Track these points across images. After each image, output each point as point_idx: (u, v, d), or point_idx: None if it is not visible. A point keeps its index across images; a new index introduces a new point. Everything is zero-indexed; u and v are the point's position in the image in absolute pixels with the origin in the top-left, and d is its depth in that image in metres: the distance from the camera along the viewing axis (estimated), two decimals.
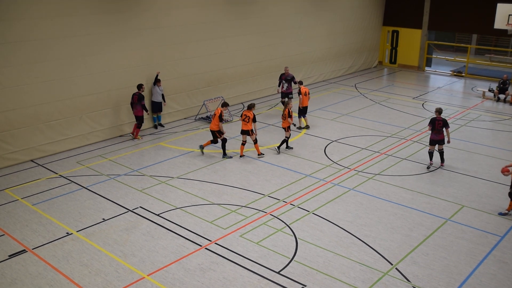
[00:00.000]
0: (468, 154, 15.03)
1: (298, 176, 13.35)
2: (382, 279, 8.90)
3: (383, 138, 16.35)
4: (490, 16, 22.61)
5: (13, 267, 9.20)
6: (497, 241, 10.22)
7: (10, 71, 13.39)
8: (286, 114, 14.69)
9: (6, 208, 11.49)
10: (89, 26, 14.85)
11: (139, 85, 15.86)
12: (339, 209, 11.52)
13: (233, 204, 11.71)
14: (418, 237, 10.35)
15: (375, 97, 21.66)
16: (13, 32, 13.24)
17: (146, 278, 8.90)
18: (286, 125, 14.79)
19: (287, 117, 14.69)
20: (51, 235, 10.30)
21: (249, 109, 14.31)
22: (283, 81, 18.26)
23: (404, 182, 13.02)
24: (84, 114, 15.32)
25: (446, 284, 8.80)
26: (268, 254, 9.64)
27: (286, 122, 14.75)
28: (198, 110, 18.70)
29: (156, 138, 16.31)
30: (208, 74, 19.01)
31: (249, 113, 14.18)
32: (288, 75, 18.20)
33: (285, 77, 18.20)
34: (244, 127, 14.23)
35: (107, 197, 12.05)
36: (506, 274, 9.12)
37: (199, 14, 18.04)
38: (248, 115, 14.14)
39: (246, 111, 14.33)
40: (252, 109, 14.31)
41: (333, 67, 25.59)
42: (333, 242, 10.11)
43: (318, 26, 23.76)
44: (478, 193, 12.44)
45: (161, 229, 10.55)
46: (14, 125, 13.73)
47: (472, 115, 19.24)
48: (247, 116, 14.16)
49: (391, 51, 28.87)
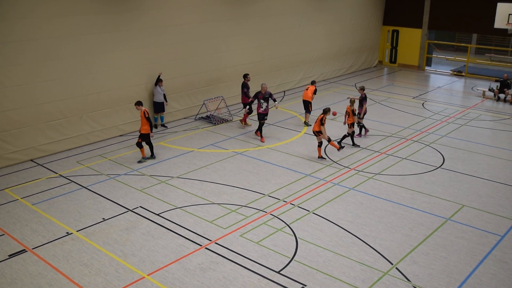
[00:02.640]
0: (468, 154, 15.02)
1: (298, 175, 13.35)
2: (382, 279, 8.90)
3: (383, 137, 16.35)
4: (490, 15, 22.62)
5: (13, 267, 9.19)
6: (498, 241, 10.22)
7: (11, 71, 13.38)
8: (350, 111, 15.07)
9: (6, 207, 11.49)
10: (89, 26, 14.84)
11: (245, 75, 17.46)
12: (339, 208, 11.52)
13: (233, 204, 11.71)
14: (418, 236, 10.34)
15: (375, 97, 21.66)
16: (14, 32, 13.23)
17: (146, 277, 8.89)
18: (350, 122, 15.15)
19: (351, 114, 15.07)
20: (51, 235, 10.30)
21: (325, 113, 14.20)
22: (261, 100, 15.75)
23: (404, 181, 13.02)
24: (84, 113, 15.31)
25: (446, 283, 8.80)
26: (268, 254, 9.63)
27: (351, 119, 15.13)
28: (198, 110, 18.69)
29: (156, 137, 16.30)
30: (208, 73, 19.01)
31: (320, 116, 14.19)
32: (266, 93, 15.85)
33: (262, 96, 15.75)
34: (315, 128, 14.25)
35: (107, 196, 12.04)
36: (506, 274, 9.11)
37: (199, 14, 18.03)
38: (319, 117, 14.20)
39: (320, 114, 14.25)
40: (326, 113, 14.16)
41: (333, 67, 25.58)
42: (333, 241, 10.11)
43: (318, 25, 23.76)
44: (478, 192, 12.44)
45: (161, 229, 10.54)
46: (14, 124, 13.73)
47: (472, 114, 19.23)
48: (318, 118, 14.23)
49: (391, 50, 28.86)
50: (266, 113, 15.91)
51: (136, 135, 16.53)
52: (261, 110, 15.78)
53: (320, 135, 14.18)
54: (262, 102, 15.73)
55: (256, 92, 15.98)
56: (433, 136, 16.51)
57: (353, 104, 15.23)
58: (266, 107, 15.77)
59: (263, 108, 15.75)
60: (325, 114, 14.18)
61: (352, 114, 15.17)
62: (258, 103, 15.79)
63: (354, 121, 15.25)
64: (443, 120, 18.33)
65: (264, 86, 15.91)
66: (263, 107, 15.75)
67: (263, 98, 15.74)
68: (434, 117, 18.67)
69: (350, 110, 15.16)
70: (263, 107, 15.75)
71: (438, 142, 15.99)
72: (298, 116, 18.77)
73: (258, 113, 15.90)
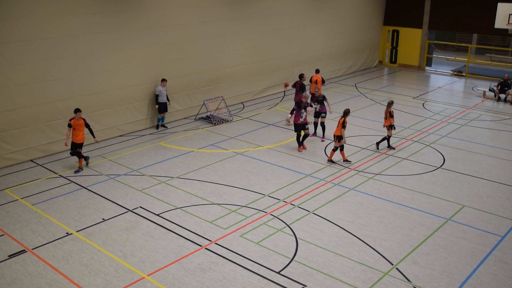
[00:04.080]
0: (468, 154, 15.01)
1: (298, 176, 13.33)
2: (383, 279, 8.89)
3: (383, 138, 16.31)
4: (491, 15, 22.61)
5: (13, 267, 9.18)
6: (498, 241, 10.20)
7: (11, 71, 13.37)
8: (387, 114, 14.80)
9: (5, 208, 11.48)
10: (89, 26, 14.84)
11: (301, 75, 17.96)
12: (339, 209, 11.51)
13: (233, 204, 11.70)
14: (419, 237, 10.33)
15: (376, 97, 21.64)
16: (14, 32, 13.22)
17: (146, 278, 8.88)
18: (387, 124, 14.87)
19: (388, 117, 14.78)
20: (50, 235, 10.28)
21: (345, 114, 13.89)
22: (314, 102, 15.72)
23: (404, 182, 13.00)
24: (84, 114, 15.28)
25: (446, 284, 8.79)
26: (268, 254, 9.62)
27: (388, 121, 14.83)
28: (198, 110, 18.68)
29: (156, 138, 16.30)
30: (208, 73, 19.00)
31: (340, 118, 13.93)
32: (320, 96, 15.63)
33: (304, 105, 14.85)
34: (336, 132, 13.93)
35: (107, 197, 12.03)
36: (506, 274, 9.10)
37: (199, 14, 18.02)
38: (340, 120, 13.92)
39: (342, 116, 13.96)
40: (347, 115, 13.86)
41: (333, 67, 25.57)
42: (333, 242, 10.09)
43: (319, 25, 23.75)
44: (478, 193, 12.42)
45: (161, 229, 10.53)
46: (14, 125, 13.72)
47: (472, 114, 19.21)
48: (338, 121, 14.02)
49: (391, 50, 28.85)
50: (306, 123, 14.93)
51: (136, 135, 16.54)
52: (301, 121, 14.76)
53: (341, 140, 13.82)
54: (303, 111, 14.77)
55: (298, 101, 15.00)
56: (434, 136, 16.49)
57: (389, 106, 14.79)
58: (305, 116, 14.81)
59: (302, 118, 14.74)
60: (345, 116, 13.81)
61: (389, 116, 14.76)
62: (298, 113, 14.78)
63: (392, 123, 14.82)
64: (444, 120, 18.31)
65: (306, 96, 15.03)
66: (302, 117, 14.75)
67: (305, 108, 14.82)
68: (434, 117, 18.66)
69: (387, 112, 14.80)
70: (302, 117, 14.75)
71: (439, 142, 15.97)
72: None
73: (296, 123, 14.88)
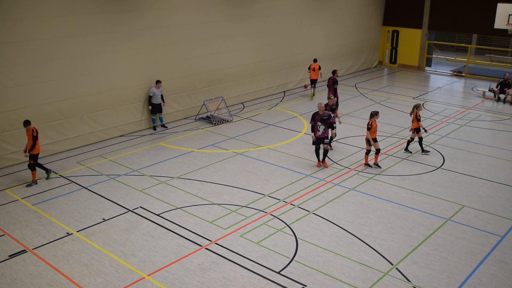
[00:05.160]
0: (468, 154, 15.02)
1: (298, 176, 13.35)
2: (383, 279, 8.90)
3: (383, 138, 16.34)
4: (490, 16, 22.62)
5: (13, 267, 9.20)
6: (498, 241, 10.22)
7: (11, 71, 13.39)
8: (414, 117, 14.61)
9: (6, 208, 11.49)
10: (89, 26, 14.85)
11: (334, 71, 18.58)
12: (339, 209, 11.52)
13: (233, 204, 11.71)
14: (418, 237, 10.34)
15: (375, 97, 21.66)
16: (14, 32, 13.24)
17: (146, 278, 8.90)
18: (414, 127, 14.69)
19: (415, 120, 14.61)
20: (51, 235, 10.30)
21: (371, 116, 13.61)
22: (318, 122, 13.55)
23: (404, 182, 13.02)
24: (85, 114, 15.32)
25: (446, 284, 8.80)
26: (268, 254, 9.63)
27: (415, 124, 14.65)
28: (198, 110, 18.70)
29: (156, 138, 16.31)
30: (209, 74, 19.02)
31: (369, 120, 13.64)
32: (324, 114, 13.57)
33: (320, 117, 13.50)
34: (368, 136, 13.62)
35: (107, 197, 12.04)
36: (506, 274, 9.11)
37: (199, 14, 18.04)
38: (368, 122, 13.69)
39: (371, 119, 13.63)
40: (374, 116, 13.55)
41: (333, 67, 25.50)
42: (333, 242, 10.11)
43: (318, 26, 23.77)
44: (478, 193, 12.44)
45: (161, 229, 10.55)
46: (14, 125, 13.72)
47: (472, 115, 19.23)
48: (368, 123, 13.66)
49: (391, 51, 28.87)
50: (325, 137, 13.65)
51: (136, 135, 16.56)
52: (318, 134, 13.59)
53: (373, 143, 13.55)
54: (320, 125, 13.51)
55: (313, 114, 13.68)
56: (433, 136, 16.51)
57: (416, 109, 14.57)
58: (324, 130, 13.55)
59: (320, 132, 13.58)
60: (372, 118, 13.50)
61: (415, 119, 14.57)
62: (315, 126, 13.62)
63: (420, 127, 14.64)
64: (443, 120, 18.32)
65: (321, 106, 13.55)
66: (320, 131, 13.57)
67: (321, 120, 13.48)
68: (434, 117, 18.67)
69: (414, 115, 14.62)
70: (320, 131, 13.57)
71: (438, 142, 15.99)
72: (298, 116, 18.78)
73: (316, 137, 13.68)
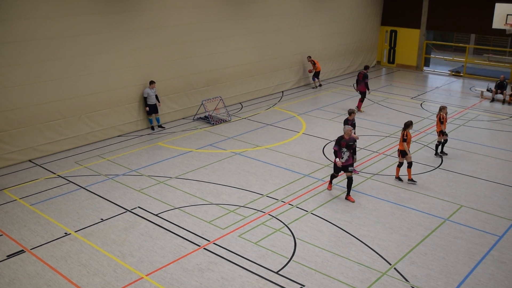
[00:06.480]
0: (466, 154, 15.04)
1: (296, 176, 13.35)
2: (381, 279, 8.91)
3: (381, 138, 16.36)
4: (489, 16, 22.65)
5: (11, 267, 9.18)
6: (496, 241, 10.23)
7: (10, 71, 13.37)
8: (438, 120, 14.42)
9: (4, 208, 11.48)
10: (88, 26, 14.84)
11: (366, 66, 19.37)
12: (338, 209, 11.52)
13: (231, 204, 11.71)
14: (417, 237, 10.35)
15: (374, 97, 21.66)
16: (13, 32, 13.22)
17: (144, 278, 8.89)
18: (438, 129, 14.53)
19: (438, 122, 14.41)
20: (49, 235, 10.29)
21: (406, 127, 12.67)
22: (343, 148, 11.70)
23: (402, 182, 13.02)
24: (83, 114, 15.30)
25: (444, 284, 8.81)
26: (267, 254, 9.64)
27: (439, 127, 14.47)
28: (197, 110, 18.69)
29: (154, 138, 16.30)
30: (207, 74, 19.01)
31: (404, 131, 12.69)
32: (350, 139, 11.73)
33: (346, 143, 11.64)
34: (400, 147, 12.79)
35: (105, 197, 12.04)
36: (504, 274, 9.13)
37: (198, 14, 18.03)
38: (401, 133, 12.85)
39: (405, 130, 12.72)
40: (409, 127, 12.62)
41: (331, 67, 25.60)
42: (331, 242, 10.11)
43: (317, 26, 23.77)
44: (476, 193, 12.45)
45: (160, 229, 10.54)
46: (12, 125, 13.71)
47: (470, 115, 19.26)
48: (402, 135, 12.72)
49: (389, 51, 28.89)
50: (350, 164, 11.84)
51: (134, 135, 16.54)
52: (342, 161, 11.79)
53: (405, 156, 12.71)
54: (345, 151, 11.73)
55: (338, 138, 11.83)
56: (431, 136, 16.52)
57: (441, 111, 14.30)
58: (348, 157, 11.81)
59: (344, 158, 11.77)
60: (406, 128, 12.57)
61: (439, 121, 14.33)
62: (339, 152, 11.83)
63: (443, 129, 14.39)
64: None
65: (348, 130, 11.68)
66: (344, 158, 11.77)
67: (346, 146, 11.70)
68: (432, 117, 18.68)
69: (438, 118, 14.35)
70: (344, 158, 11.77)
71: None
72: (297, 116, 18.78)
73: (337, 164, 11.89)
